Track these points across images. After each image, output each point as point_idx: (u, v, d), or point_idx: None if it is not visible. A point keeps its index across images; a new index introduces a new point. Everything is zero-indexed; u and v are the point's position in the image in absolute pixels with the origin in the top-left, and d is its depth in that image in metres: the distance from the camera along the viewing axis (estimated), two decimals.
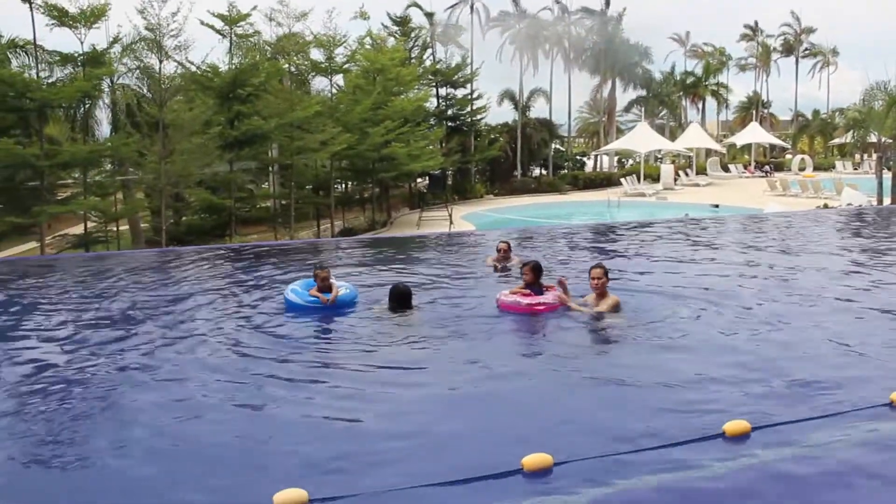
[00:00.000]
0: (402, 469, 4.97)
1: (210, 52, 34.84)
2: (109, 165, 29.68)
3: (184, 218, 30.78)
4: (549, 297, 9.20)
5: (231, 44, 30.48)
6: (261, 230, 31.97)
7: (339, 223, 34.23)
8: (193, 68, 29.04)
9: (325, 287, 9.63)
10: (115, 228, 28.09)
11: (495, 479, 4.77)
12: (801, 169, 60.15)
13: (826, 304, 9.87)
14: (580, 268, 11.75)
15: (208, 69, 29.07)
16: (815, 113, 78.53)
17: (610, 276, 9.29)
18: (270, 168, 33.96)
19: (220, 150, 27.16)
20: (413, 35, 44.83)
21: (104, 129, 30.98)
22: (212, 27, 29.94)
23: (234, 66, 29.58)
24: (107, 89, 29.53)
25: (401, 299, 9.19)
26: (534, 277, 9.40)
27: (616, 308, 9.02)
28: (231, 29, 30.22)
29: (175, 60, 27.91)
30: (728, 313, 9.32)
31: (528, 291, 9.28)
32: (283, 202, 32.94)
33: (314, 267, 10.15)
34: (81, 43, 25.19)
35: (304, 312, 9.49)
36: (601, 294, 9.09)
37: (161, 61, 26.50)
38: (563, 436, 5.54)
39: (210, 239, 27.20)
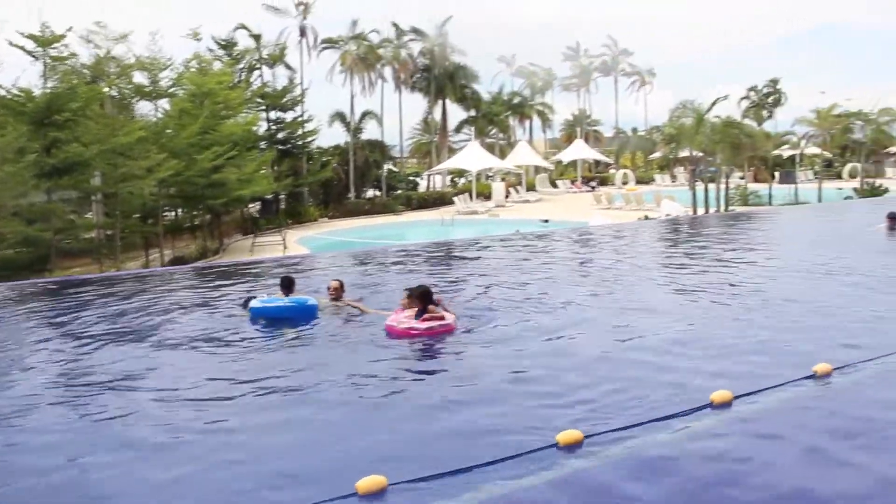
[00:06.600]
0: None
1: (21, 74, 32.96)
2: None
3: None
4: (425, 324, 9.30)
5: (45, 66, 28.95)
6: (85, 262, 30.35)
7: (170, 252, 33.10)
8: (2, 92, 27.35)
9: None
10: None
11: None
12: (625, 183, 63.75)
13: (653, 301, 10.73)
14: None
15: (20, 93, 27.45)
16: (635, 130, 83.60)
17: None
18: (93, 197, 32.39)
19: (37, 179, 25.71)
20: (240, 58, 44.20)
21: None
22: (22, 48, 28.36)
23: (48, 91, 28.09)
24: None
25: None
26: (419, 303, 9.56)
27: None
28: (44, 51, 28.72)
29: None
30: (555, 320, 10.11)
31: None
32: (109, 232, 31.49)
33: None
34: None
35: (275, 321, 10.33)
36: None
37: None
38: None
39: (28, 274, 25.53)
